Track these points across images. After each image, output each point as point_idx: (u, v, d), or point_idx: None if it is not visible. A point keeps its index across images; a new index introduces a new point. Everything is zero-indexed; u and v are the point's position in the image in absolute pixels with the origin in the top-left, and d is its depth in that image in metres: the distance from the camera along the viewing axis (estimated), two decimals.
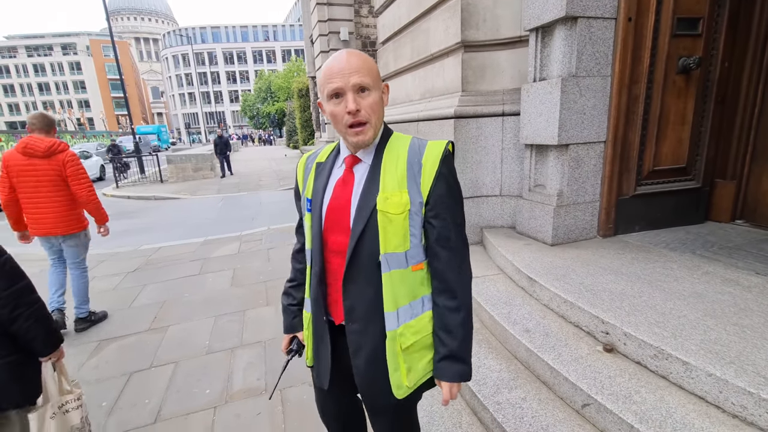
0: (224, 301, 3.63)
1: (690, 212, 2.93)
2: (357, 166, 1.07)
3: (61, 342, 1.57)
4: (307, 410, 2.14)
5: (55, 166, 2.96)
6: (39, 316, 1.43)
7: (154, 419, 2.17)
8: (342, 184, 1.07)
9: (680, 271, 2.18)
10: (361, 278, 1.03)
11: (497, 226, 3.32)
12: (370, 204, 1.00)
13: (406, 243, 1.02)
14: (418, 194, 1.00)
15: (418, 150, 1.04)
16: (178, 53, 71.87)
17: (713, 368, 1.39)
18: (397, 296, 1.03)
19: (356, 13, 9.73)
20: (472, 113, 3.10)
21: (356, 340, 1.06)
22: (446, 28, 3.27)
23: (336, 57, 0.99)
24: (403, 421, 1.24)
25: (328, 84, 0.97)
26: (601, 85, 2.57)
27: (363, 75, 0.95)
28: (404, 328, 1.04)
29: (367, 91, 0.98)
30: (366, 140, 1.01)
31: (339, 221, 1.05)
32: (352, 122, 0.98)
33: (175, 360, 2.72)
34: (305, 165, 1.19)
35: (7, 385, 1.39)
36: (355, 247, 1.01)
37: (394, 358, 1.04)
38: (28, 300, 1.41)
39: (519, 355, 2.01)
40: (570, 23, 2.46)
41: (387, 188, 1.01)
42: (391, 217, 0.99)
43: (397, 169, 1.02)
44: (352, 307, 1.05)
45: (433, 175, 1.00)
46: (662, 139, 2.74)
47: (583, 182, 2.71)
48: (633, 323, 1.71)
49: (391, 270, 1.01)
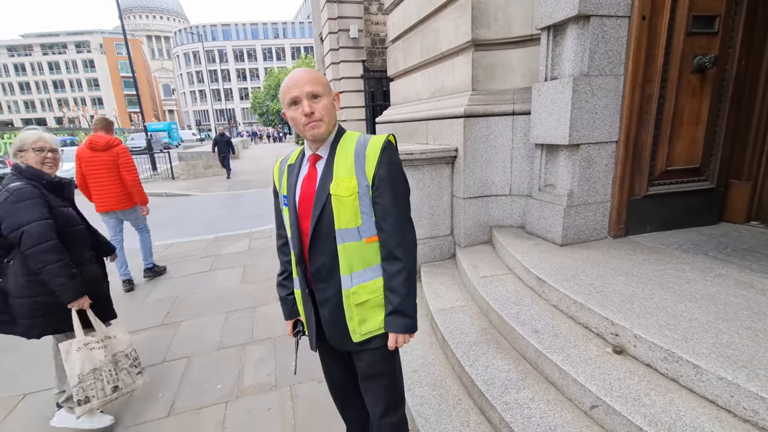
0: (235, 297, 3.69)
1: (703, 213, 2.89)
2: (318, 162, 1.30)
3: (81, 296, 1.97)
4: (318, 406, 2.18)
5: (112, 157, 3.84)
6: (57, 272, 1.86)
7: (167, 412, 2.22)
8: (308, 179, 1.30)
9: (692, 273, 2.16)
10: (321, 249, 1.26)
11: (506, 226, 3.31)
12: (326, 190, 1.23)
13: (357, 219, 1.24)
14: (364, 178, 1.23)
15: (363, 143, 1.26)
16: (189, 51, 72.50)
17: (724, 372, 1.38)
18: (352, 263, 1.26)
19: (366, 11, 9.71)
20: (482, 112, 3.09)
21: (321, 296, 1.32)
22: (457, 26, 3.25)
23: (291, 75, 1.23)
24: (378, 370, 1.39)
25: (287, 95, 1.20)
26: (614, 85, 2.54)
27: (314, 85, 1.19)
28: (358, 288, 1.27)
29: (318, 98, 1.21)
30: (320, 133, 1.23)
31: (308, 209, 1.27)
32: (308, 121, 1.20)
33: (188, 355, 2.78)
34: (279, 168, 1.42)
35: (37, 318, 1.94)
36: (315, 225, 1.24)
37: (349, 311, 1.29)
38: (49, 259, 1.84)
39: (528, 356, 2.01)
40: (583, 22, 2.44)
41: (339, 176, 1.23)
42: (342, 198, 1.21)
43: (347, 160, 1.25)
44: (317, 271, 1.29)
45: (375, 162, 1.23)
46: (676, 139, 2.70)
47: (594, 182, 2.69)
48: (643, 325, 1.71)
49: (345, 242, 1.24)
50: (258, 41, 73.18)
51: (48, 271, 1.84)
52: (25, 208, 1.83)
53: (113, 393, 2.06)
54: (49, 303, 1.93)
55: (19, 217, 1.82)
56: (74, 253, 2.00)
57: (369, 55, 9.75)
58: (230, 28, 73.47)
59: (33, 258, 1.83)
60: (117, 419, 2.18)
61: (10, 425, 2.19)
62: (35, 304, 1.92)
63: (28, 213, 1.83)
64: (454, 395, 2.05)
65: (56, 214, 1.95)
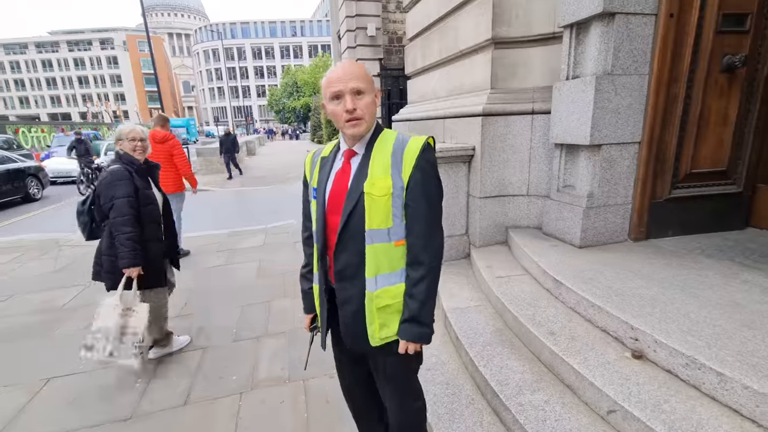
0: (250, 291, 3.74)
1: (729, 218, 2.80)
2: (353, 158, 1.27)
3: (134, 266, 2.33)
4: (329, 400, 2.19)
5: (167, 148, 4.54)
6: (123, 242, 2.29)
7: (184, 401, 2.27)
8: (341, 174, 1.28)
9: (716, 279, 2.09)
10: (349, 248, 1.24)
11: (523, 226, 3.27)
12: (360, 188, 1.20)
13: (388, 221, 1.20)
14: (400, 179, 1.20)
15: (402, 143, 1.23)
16: (209, 48, 73.71)
17: (750, 381, 1.34)
18: (379, 265, 1.23)
19: (384, 9, 9.70)
20: (501, 111, 3.05)
21: (343, 296, 1.29)
22: (476, 24, 3.22)
23: (336, 67, 1.20)
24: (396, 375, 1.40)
25: (330, 88, 1.18)
26: (638, 84, 2.48)
27: (359, 81, 1.16)
28: (382, 291, 1.24)
29: (362, 94, 1.18)
30: (360, 131, 1.21)
31: (338, 204, 1.25)
32: (349, 118, 1.17)
33: (204, 346, 2.83)
34: (312, 159, 1.41)
35: (111, 273, 2.38)
36: (345, 223, 1.21)
37: (370, 314, 1.26)
38: (122, 229, 2.29)
39: (543, 358, 1.98)
40: (607, 19, 2.39)
41: (374, 175, 1.20)
42: (375, 198, 1.18)
43: (383, 159, 1.22)
44: (342, 270, 1.26)
45: (412, 164, 1.19)
46: (701, 140, 2.62)
47: (615, 184, 2.63)
48: (664, 330, 1.66)
49: (374, 243, 1.21)
50: (276, 39, 73.91)
51: (118, 238, 2.30)
52: (117, 186, 2.32)
53: (109, 356, 2.30)
54: (116, 264, 2.35)
55: (111, 192, 2.32)
56: (147, 229, 2.43)
57: (386, 53, 9.75)
58: (249, 26, 74.40)
59: (113, 226, 2.32)
60: (135, 406, 2.24)
61: (35, 408, 2.26)
62: (111, 262, 2.38)
63: (118, 190, 2.32)
64: (467, 395, 2.04)
65: (138, 196, 2.40)
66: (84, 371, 2.58)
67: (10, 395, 2.37)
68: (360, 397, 1.58)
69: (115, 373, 2.53)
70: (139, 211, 2.38)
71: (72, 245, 5.52)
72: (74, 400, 2.32)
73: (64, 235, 6.08)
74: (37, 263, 4.83)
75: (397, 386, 1.42)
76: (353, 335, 1.31)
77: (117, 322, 2.30)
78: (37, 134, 23.78)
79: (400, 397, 1.43)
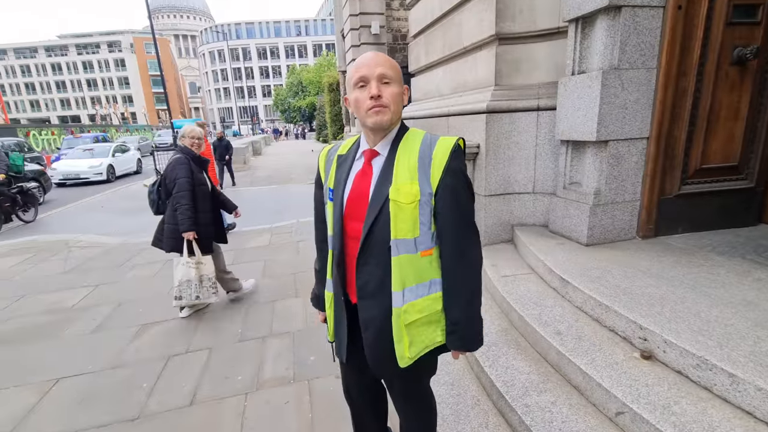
0: (255, 291, 3.75)
1: (740, 214, 2.74)
2: (375, 159, 1.17)
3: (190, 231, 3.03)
4: (334, 401, 2.19)
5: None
6: (182, 211, 2.98)
7: (190, 402, 2.28)
8: (362, 176, 1.17)
9: (728, 277, 2.05)
10: (372, 260, 1.14)
11: (529, 224, 3.24)
12: (384, 193, 1.10)
13: (415, 230, 1.11)
14: (428, 185, 1.09)
15: (430, 144, 1.13)
16: (215, 49, 74.12)
17: (763, 382, 1.30)
18: (405, 278, 1.13)
19: (387, 6, 9.66)
20: (506, 108, 3.02)
21: (366, 314, 1.18)
22: (480, 20, 3.19)
23: (364, 54, 1.12)
24: (414, 391, 1.34)
25: (356, 74, 1.09)
26: (646, 78, 2.43)
27: (387, 68, 1.08)
28: (409, 306, 1.14)
29: (389, 82, 1.08)
30: (384, 120, 1.09)
31: (357, 210, 1.15)
32: (373, 105, 1.07)
33: (210, 346, 2.84)
34: (327, 157, 1.29)
35: (171, 239, 3.07)
36: (368, 232, 1.11)
37: (398, 332, 1.15)
38: (182, 201, 2.99)
39: (549, 358, 1.96)
40: (613, 13, 2.34)
41: (399, 179, 1.10)
42: (402, 205, 1.08)
43: (409, 162, 1.11)
44: (364, 285, 1.16)
45: (442, 168, 1.09)
46: (712, 135, 2.57)
47: (623, 180, 2.59)
48: (674, 330, 1.63)
49: (400, 254, 1.11)
50: (281, 39, 74.09)
51: (179, 209, 2.99)
52: (179, 169, 3.04)
53: (196, 300, 3.18)
54: (176, 230, 3.02)
55: (174, 174, 3.03)
56: (198, 204, 3.10)
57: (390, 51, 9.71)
58: (254, 27, 74.66)
59: (175, 199, 3.01)
60: (141, 407, 2.25)
61: (44, 409, 2.29)
62: (173, 229, 3.05)
63: (179, 172, 3.03)
64: (472, 395, 2.02)
65: (194, 177, 3.10)
66: (92, 371, 2.60)
67: (20, 395, 2.40)
68: (363, 402, 1.51)
69: (122, 373, 2.56)
70: (194, 189, 3.07)
71: (81, 246, 5.58)
72: (83, 400, 2.34)
73: (73, 236, 6.15)
74: (48, 264, 4.88)
75: (413, 397, 1.37)
76: (378, 358, 1.20)
77: (194, 273, 3.11)
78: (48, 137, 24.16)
79: (414, 407, 1.38)
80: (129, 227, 6.82)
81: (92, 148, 14.30)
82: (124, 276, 4.34)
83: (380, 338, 1.17)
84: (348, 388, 1.50)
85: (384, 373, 1.25)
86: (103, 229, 6.67)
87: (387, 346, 1.17)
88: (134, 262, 4.77)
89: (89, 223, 7.37)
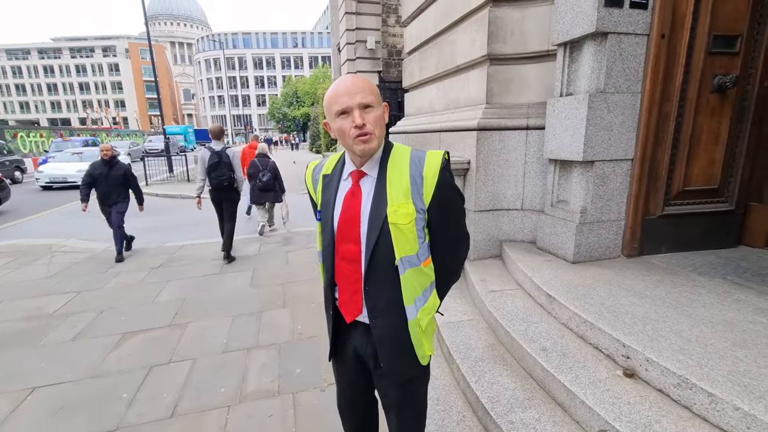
0: (242, 301, 3.71)
1: (721, 235, 2.81)
2: (363, 180, 1.18)
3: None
4: (319, 414, 2.16)
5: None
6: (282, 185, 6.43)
7: (170, 414, 2.23)
8: (351, 197, 1.17)
9: (709, 297, 2.09)
10: (380, 281, 1.16)
11: (517, 240, 3.28)
12: (381, 215, 1.12)
13: (415, 246, 1.15)
14: (421, 202, 1.13)
15: (418, 163, 1.15)
16: (210, 57, 74.32)
17: (741, 402, 1.33)
18: (413, 291, 1.17)
19: (383, 23, 9.84)
20: (496, 126, 3.08)
21: (381, 332, 1.20)
22: (473, 40, 3.27)
23: (341, 81, 1.11)
24: (411, 403, 1.33)
25: (335, 104, 1.09)
26: (631, 102, 2.52)
27: (366, 95, 1.08)
28: (421, 313, 1.20)
29: (370, 108, 1.09)
30: (372, 148, 1.11)
31: (350, 232, 1.16)
32: (359, 133, 1.08)
33: (193, 357, 2.79)
34: (312, 176, 1.31)
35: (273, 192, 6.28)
36: (371, 256, 1.13)
37: (417, 338, 1.21)
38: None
39: (535, 375, 1.97)
40: (600, 39, 2.43)
41: (394, 201, 1.12)
42: (402, 227, 1.11)
43: (401, 182, 1.13)
44: (375, 306, 1.18)
45: (433, 185, 1.13)
46: (693, 158, 2.65)
47: (608, 200, 2.65)
48: (656, 349, 1.66)
49: (407, 270, 1.15)
50: (277, 50, 74.67)
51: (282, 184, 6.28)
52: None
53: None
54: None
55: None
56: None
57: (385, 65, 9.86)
58: (251, 37, 75.20)
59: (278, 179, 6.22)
60: (120, 419, 2.20)
61: (18, 419, 2.22)
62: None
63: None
64: (458, 411, 2.02)
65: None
66: (70, 381, 2.53)
67: None
68: (358, 415, 1.46)
69: (102, 383, 2.49)
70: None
71: (65, 251, 5.47)
72: (59, 410, 2.27)
73: (57, 240, 6.03)
74: (30, 269, 4.77)
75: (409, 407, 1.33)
76: (397, 366, 1.22)
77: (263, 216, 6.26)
78: (36, 139, 23.80)
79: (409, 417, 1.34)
80: None
81: (82, 152, 14.13)
82: (108, 283, 4.25)
83: (399, 349, 1.21)
84: (341, 405, 1.46)
85: (404, 379, 1.26)
86: (88, 234, 6.56)
87: (407, 353, 1.21)
88: (119, 269, 4.68)
89: (74, 227, 7.23)
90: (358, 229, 1.15)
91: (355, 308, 1.21)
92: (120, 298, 3.83)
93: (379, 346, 1.20)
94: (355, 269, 1.17)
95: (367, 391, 1.41)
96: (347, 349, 1.30)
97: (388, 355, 1.21)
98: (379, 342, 1.20)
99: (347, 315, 1.24)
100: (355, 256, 1.16)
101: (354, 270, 1.17)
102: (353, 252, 1.16)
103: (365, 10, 9.51)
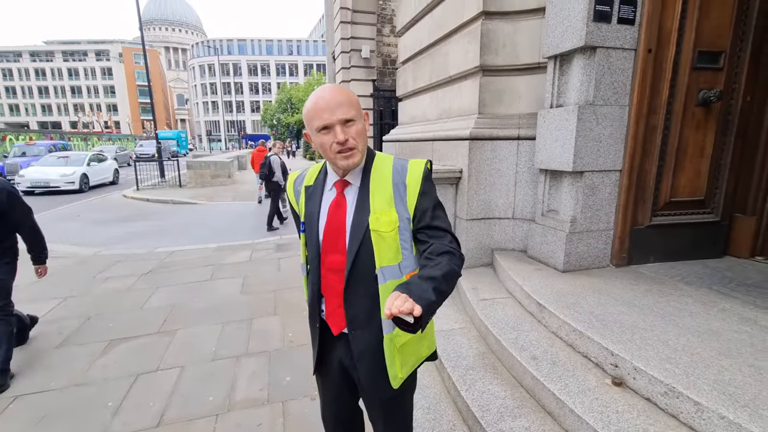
0: (233, 308, 3.67)
1: (707, 246, 2.87)
2: (347, 189, 1.17)
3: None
4: (308, 423, 2.14)
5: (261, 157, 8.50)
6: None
7: (157, 423, 2.19)
8: (336, 207, 1.16)
9: (695, 306, 2.13)
10: (360, 291, 1.14)
11: (508, 249, 3.30)
12: (363, 224, 1.11)
13: (398, 256, 1.13)
14: (405, 210, 1.12)
15: (401, 171, 1.15)
16: (205, 63, 74.31)
17: (726, 411, 1.35)
18: None
19: (378, 32, 9.95)
20: (488, 135, 3.13)
21: (359, 344, 1.17)
22: (466, 52, 3.33)
23: (320, 95, 1.07)
24: (398, 414, 1.31)
25: (316, 120, 1.06)
26: (619, 115, 2.57)
27: (348, 109, 1.06)
28: (398, 330, 1.07)
29: (352, 122, 1.07)
30: (355, 162, 1.11)
31: (335, 242, 1.15)
32: (341, 149, 1.07)
33: (182, 364, 2.75)
34: (294, 188, 1.29)
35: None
36: (352, 265, 1.12)
37: (390, 356, 1.16)
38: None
39: (525, 383, 1.97)
40: (589, 53, 2.49)
41: (377, 209, 1.11)
42: (383, 234, 1.10)
43: (384, 190, 1.13)
44: (354, 317, 1.16)
45: (416, 193, 1.12)
46: (680, 170, 2.71)
47: (597, 210, 2.69)
48: (644, 357, 1.68)
49: (387, 281, 1.12)
50: (272, 57, 74.94)
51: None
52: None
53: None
54: None
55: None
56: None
57: (379, 74, 9.94)
58: (246, 44, 75.43)
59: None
60: (105, 428, 2.15)
61: (1, 427, 2.16)
62: None
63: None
64: (448, 420, 2.01)
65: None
66: (54, 388, 2.48)
67: None
68: (342, 427, 1.43)
69: (87, 391, 2.44)
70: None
71: (52, 256, 5.37)
72: (42, 419, 2.22)
73: None
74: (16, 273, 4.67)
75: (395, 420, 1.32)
76: (372, 383, 1.20)
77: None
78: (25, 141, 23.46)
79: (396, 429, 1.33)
80: (103, 238, 6.63)
81: (68, 156, 13.79)
82: (95, 289, 4.19)
83: (374, 364, 1.17)
84: (325, 416, 1.43)
85: (377, 397, 1.24)
86: (75, 239, 6.46)
87: (380, 370, 1.17)
88: (107, 275, 4.62)
89: (62, 232, 7.12)
90: (344, 239, 1.14)
91: (341, 320, 1.20)
92: (108, 305, 3.77)
93: (359, 362, 1.18)
94: (340, 280, 1.16)
95: (351, 404, 1.38)
96: (332, 360, 1.28)
97: (366, 369, 1.18)
98: (358, 357, 1.18)
99: (334, 327, 1.22)
100: (341, 266, 1.15)
101: (340, 281, 1.16)
102: (339, 262, 1.15)
103: (360, 19, 9.61)
